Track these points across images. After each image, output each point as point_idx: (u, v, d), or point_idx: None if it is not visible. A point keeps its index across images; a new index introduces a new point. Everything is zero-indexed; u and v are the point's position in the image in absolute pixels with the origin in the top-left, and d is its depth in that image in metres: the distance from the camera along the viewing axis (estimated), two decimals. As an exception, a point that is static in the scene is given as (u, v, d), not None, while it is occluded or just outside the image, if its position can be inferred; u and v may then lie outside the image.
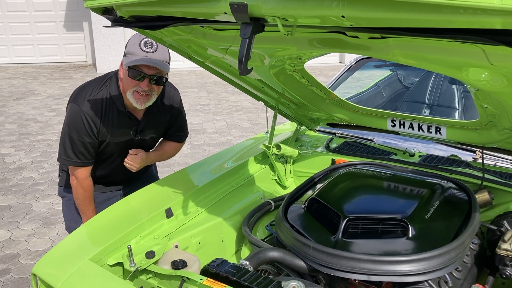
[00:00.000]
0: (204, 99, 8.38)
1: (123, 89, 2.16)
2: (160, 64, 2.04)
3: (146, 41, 2.03)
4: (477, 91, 1.56)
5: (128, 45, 2.08)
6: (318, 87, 2.15)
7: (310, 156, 2.54)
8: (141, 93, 2.10)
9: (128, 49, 2.07)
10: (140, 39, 2.04)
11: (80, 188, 2.27)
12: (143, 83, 2.07)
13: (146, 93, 2.11)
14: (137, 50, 2.04)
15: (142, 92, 2.09)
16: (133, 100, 2.12)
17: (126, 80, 2.10)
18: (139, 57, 2.03)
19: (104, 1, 1.52)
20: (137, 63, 2.03)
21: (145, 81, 2.07)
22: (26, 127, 6.80)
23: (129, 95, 2.12)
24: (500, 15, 0.89)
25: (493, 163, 2.18)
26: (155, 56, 2.04)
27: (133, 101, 2.12)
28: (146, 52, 2.03)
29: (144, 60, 2.02)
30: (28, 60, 11.37)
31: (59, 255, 1.69)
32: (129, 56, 2.06)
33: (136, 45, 2.04)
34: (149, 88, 2.10)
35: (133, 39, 2.07)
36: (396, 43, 1.30)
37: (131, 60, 2.03)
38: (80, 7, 10.97)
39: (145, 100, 2.13)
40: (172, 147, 2.54)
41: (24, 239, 3.80)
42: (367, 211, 1.68)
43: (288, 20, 1.24)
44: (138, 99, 2.11)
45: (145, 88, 2.08)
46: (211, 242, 1.98)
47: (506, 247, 1.64)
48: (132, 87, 2.09)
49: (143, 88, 2.08)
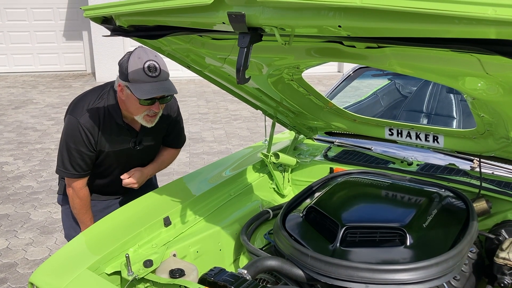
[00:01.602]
0: (203, 108, 8.40)
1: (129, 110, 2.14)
2: (172, 90, 2.04)
3: (149, 65, 1.97)
4: (473, 100, 1.57)
5: (130, 71, 1.98)
6: (316, 96, 2.16)
7: (309, 165, 2.54)
8: (151, 115, 2.12)
9: (133, 76, 1.98)
10: (143, 64, 1.97)
11: (77, 198, 2.27)
12: (154, 106, 2.07)
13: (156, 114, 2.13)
14: (143, 76, 1.98)
15: (153, 114, 2.11)
16: (144, 122, 2.14)
17: (136, 107, 2.07)
18: (149, 84, 1.98)
19: (104, 11, 1.53)
20: (153, 95, 1.99)
21: (156, 104, 2.08)
22: (24, 136, 6.80)
23: (139, 118, 2.12)
24: (494, 25, 0.90)
25: (490, 172, 2.18)
26: (161, 79, 2.01)
27: (144, 123, 2.14)
28: (153, 77, 1.99)
29: (158, 91, 1.99)
30: (27, 69, 11.40)
31: (56, 264, 1.68)
32: (137, 84, 1.99)
33: (140, 71, 1.97)
34: (159, 110, 2.12)
35: (134, 63, 1.99)
36: (392, 53, 1.32)
37: (145, 91, 1.98)
38: (79, 16, 11.02)
39: (154, 119, 2.15)
40: (170, 154, 2.55)
41: (21, 248, 3.78)
42: (365, 219, 1.68)
43: (286, 30, 1.25)
44: (148, 120, 2.14)
45: (157, 110, 2.10)
46: (209, 250, 1.97)
47: (504, 256, 1.64)
48: (142, 112, 2.09)
49: (154, 110, 2.09)
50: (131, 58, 2.00)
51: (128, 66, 1.99)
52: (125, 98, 2.09)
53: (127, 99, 2.09)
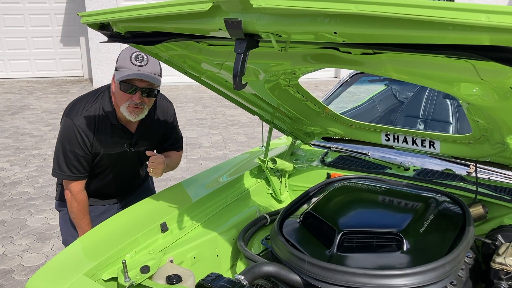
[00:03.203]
0: (200, 113, 8.40)
1: (116, 103, 2.18)
2: (151, 77, 2.08)
3: (137, 55, 2.07)
4: (469, 105, 1.58)
5: (119, 60, 2.11)
6: (312, 101, 2.17)
7: (306, 170, 2.54)
8: (133, 106, 2.13)
9: (119, 64, 2.10)
10: (131, 53, 2.07)
11: (75, 202, 2.27)
12: (135, 96, 2.10)
13: (139, 106, 2.13)
14: (128, 64, 2.07)
15: (135, 105, 2.12)
16: (127, 113, 2.15)
17: (119, 93, 2.12)
18: (130, 71, 2.06)
19: (101, 17, 1.54)
20: (129, 77, 2.06)
21: (137, 94, 2.10)
22: (21, 142, 6.78)
23: (122, 108, 2.14)
24: (487, 32, 0.91)
25: (486, 177, 2.19)
26: (146, 69, 2.08)
27: (127, 114, 2.15)
28: (137, 66, 2.07)
29: (135, 74, 2.06)
30: (24, 75, 11.38)
31: (53, 270, 1.67)
32: (121, 71, 2.09)
33: (127, 59, 2.07)
34: (141, 100, 2.12)
35: (124, 54, 2.10)
36: (388, 59, 1.32)
37: (123, 75, 2.06)
38: (77, 22, 11.03)
39: (138, 112, 2.16)
40: (176, 156, 2.56)
41: (18, 254, 3.76)
42: (362, 225, 1.68)
43: (282, 36, 1.26)
44: (131, 112, 2.14)
45: (137, 100, 2.11)
46: (206, 256, 1.97)
47: (501, 261, 1.65)
48: (125, 101, 2.12)
49: (135, 100, 2.11)
50: (124, 49, 2.13)
51: (119, 57, 2.12)
52: (114, 89, 2.15)
53: (115, 89, 2.15)
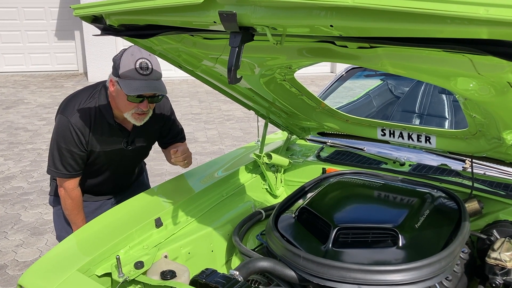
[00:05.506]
0: (195, 108, 8.38)
1: (118, 107, 2.13)
2: (160, 89, 2.03)
3: (141, 63, 1.97)
4: (465, 100, 1.58)
5: (122, 67, 2.00)
6: (308, 96, 2.15)
7: (301, 165, 2.54)
8: (139, 113, 2.10)
9: (124, 72, 1.99)
10: (135, 61, 1.97)
11: (68, 199, 2.25)
12: (142, 104, 2.06)
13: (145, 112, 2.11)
14: (134, 74, 1.98)
15: (141, 112, 2.09)
16: (132, 120, 2.12)
17: (125, 103, 2.06)
18: (139, 82, 1.98)
19: (94, 10, 1.52)
20: (140, 92, 1.99)
21: (144, 103, 2.06)
22: (15, 136, 6.74)
23: (127, 115, 2.10)
24: (486, 25, 0.90)
25: (482, 172, 2.19)
26: (152, 78, 2.01)
27: (132, 120, 2.12)
28: (144, 75, 1.98)
29: (145, 88, 1.99)
30: (18, 69, 11.31)
31: (46, 266, 1.66)
32: (127, 80, 1.99)
33: (132, 67, 1.98)
34: (148, 108, 2.10)
35: (126, 59, 2.00)
36: (385, 53, 1.31)
37: (133, 88, 1.98)
38: (71, 16, 10.95)
39: (144, 117, 2.13)
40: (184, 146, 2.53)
41: (11, 249, 3.74)
42: (357, 220, 1.67)
43: (278, 30, 1.24)
44: (137, 118, 2.12)
45: (145, 108, 2.08)
46: (201, 252, 1.96)
47: (496, 256, 1.65)
48: (131, 109, 2.08)
49: (142, 108, 2.07)
50: (124, 54, 2.01)
51: (120, 62, 2.01)
52: (115, 94, 2.09)
53: (117, 95, 2.08)
